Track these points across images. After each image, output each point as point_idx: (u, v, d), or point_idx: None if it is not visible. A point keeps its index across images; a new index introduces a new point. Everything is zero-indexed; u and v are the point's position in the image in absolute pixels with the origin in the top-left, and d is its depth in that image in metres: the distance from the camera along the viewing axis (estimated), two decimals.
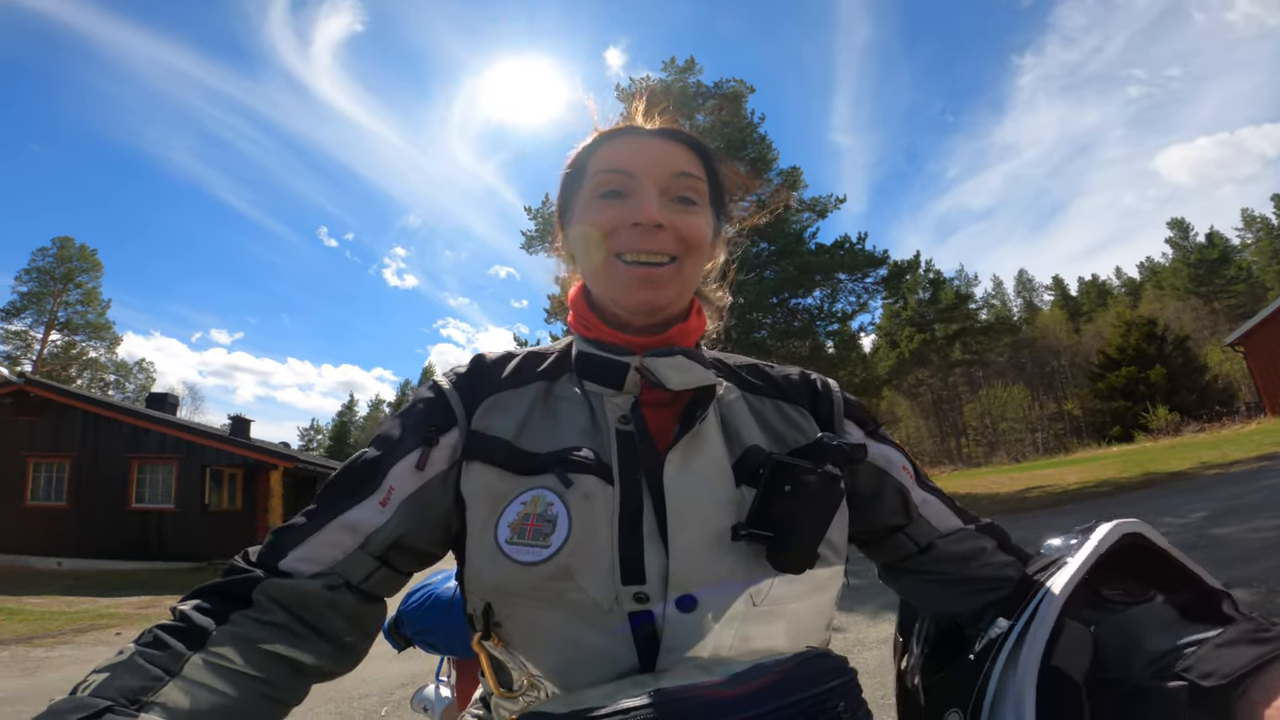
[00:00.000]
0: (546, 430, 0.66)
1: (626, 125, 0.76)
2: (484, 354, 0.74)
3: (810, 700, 0.48)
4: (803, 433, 0.71)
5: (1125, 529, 0.61)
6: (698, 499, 0.62)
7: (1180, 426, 23.27)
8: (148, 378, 46.27)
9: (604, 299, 0.71)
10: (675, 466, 0.63)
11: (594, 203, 0.70)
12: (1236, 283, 50.60)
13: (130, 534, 14.89)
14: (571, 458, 0.62)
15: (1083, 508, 9.56)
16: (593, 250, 0.69)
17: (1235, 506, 7.04)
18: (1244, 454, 12.46)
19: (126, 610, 9.17)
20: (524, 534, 0.59)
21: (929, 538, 0.72)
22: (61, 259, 41.14)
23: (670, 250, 0.68)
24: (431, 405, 0.69)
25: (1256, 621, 0.53)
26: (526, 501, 0.60)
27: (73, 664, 6.04)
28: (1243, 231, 55.73)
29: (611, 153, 0.71)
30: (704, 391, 0.68)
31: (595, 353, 0.70)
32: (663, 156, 0.70)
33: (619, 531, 0.59)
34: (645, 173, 0.69)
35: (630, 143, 0.72)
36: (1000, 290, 65.19)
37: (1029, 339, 45.83)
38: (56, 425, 15.44)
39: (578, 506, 0.60)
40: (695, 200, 0.71)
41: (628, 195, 0.69)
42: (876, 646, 4.24)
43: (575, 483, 0.61)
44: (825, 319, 16.95)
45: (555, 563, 0.58)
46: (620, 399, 0.68)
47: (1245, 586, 4.04)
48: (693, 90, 17.55)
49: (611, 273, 0.68)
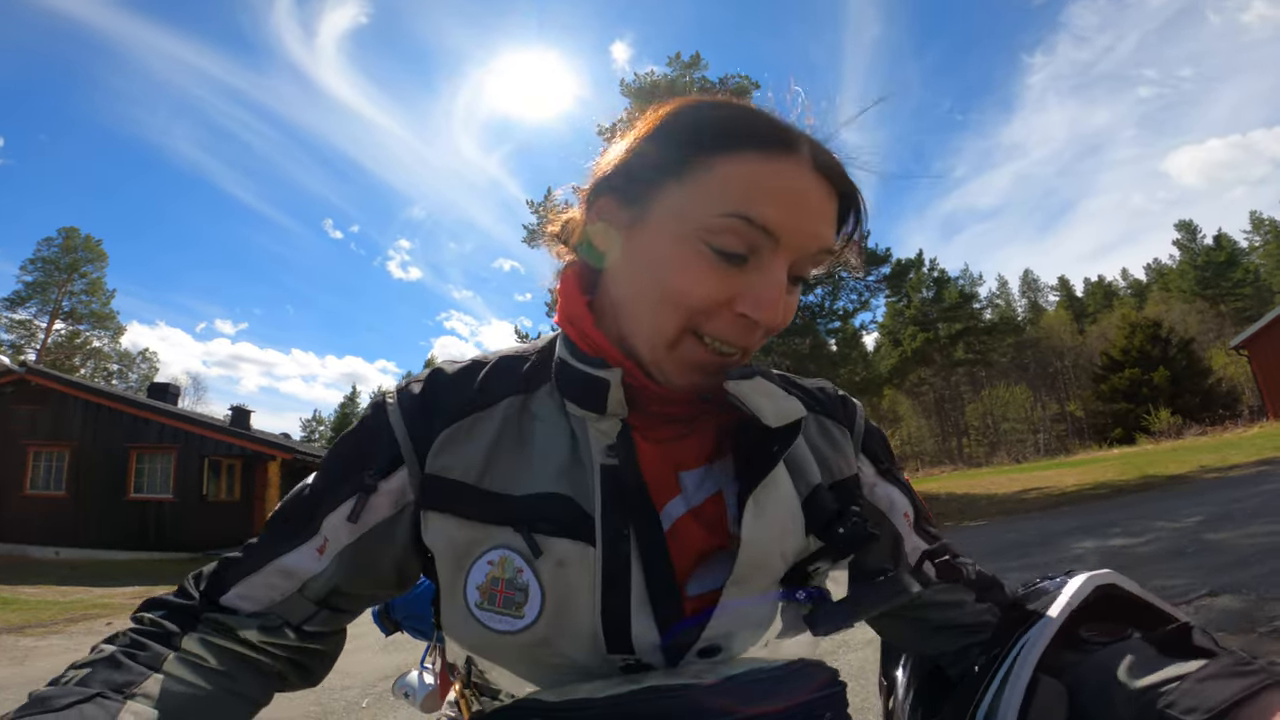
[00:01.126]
0: (518, 463, 0.56)
1: (787, 128, 0.54)
2: (443, 368, 0.62)
3: (800, 708, 0.49)
4: (845, 458, 0.64)
5: (1099, 581, 0.60)
6: (772, 552, 0.55)
7: (1182, 429, 23.19)
8: (151, 368, 46.53)
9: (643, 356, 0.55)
10: (752, 514, 0.54)
11: (704, 255, 0.51)
12: (1243, 286, 50.34)
13: (128, 524, 15.00)
14: (541, 513, 0.53)
15: (1079, 510, 9.52)
16: (667, 312, 0.52)
17: (1231, 511, 6.99)
18: (1244, 458, 12.39)
19: (120, 600, 9.21)
20: (494, 600, 0.53)
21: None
22: (67, 249, 41.35)
23: (750, 346, 0.55)
24: (373, 440, 0.59)
25: (1236, 655, 0.50)
26: (494, 562, 0.53)
27: (62, 653, 6.06)
28: (1251, 234, 55.48)
29: (760, 184, 0.50)
30: (793, 426, 0.56)
31: (571, 363, 0.57)
32: (820, 225, 0.53)
33: (601, 600, 0.52)
34: (793, 242, 0.52)
35: (791, 181, 0.51)
36: (1005, 290, 65.01)
37: (1033, 339, 45.70)
38: (57, 414, 15.54)
39: (550, 575, 0.52)
40: (809, 279, 0.59)
41: (750, 260, 0.51)
42: (861, 648, 4.21)
43: (545, 549, 0.52)
44: (826, 316, 16.92)
45: (532, 633, 0.53)
46: (605, 424, 0.55)
47: (1235, 593, 4.00)
48: (697, 86, 17.48)
49: (678, 347, 0.53)
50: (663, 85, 17.24)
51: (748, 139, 0.51)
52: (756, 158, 0.51)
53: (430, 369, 0.62)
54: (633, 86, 17.56)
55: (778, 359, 16.13)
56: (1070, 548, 6.61)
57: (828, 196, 0.53)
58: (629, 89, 17.64)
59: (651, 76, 17.65)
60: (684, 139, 0.54)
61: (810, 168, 0.52)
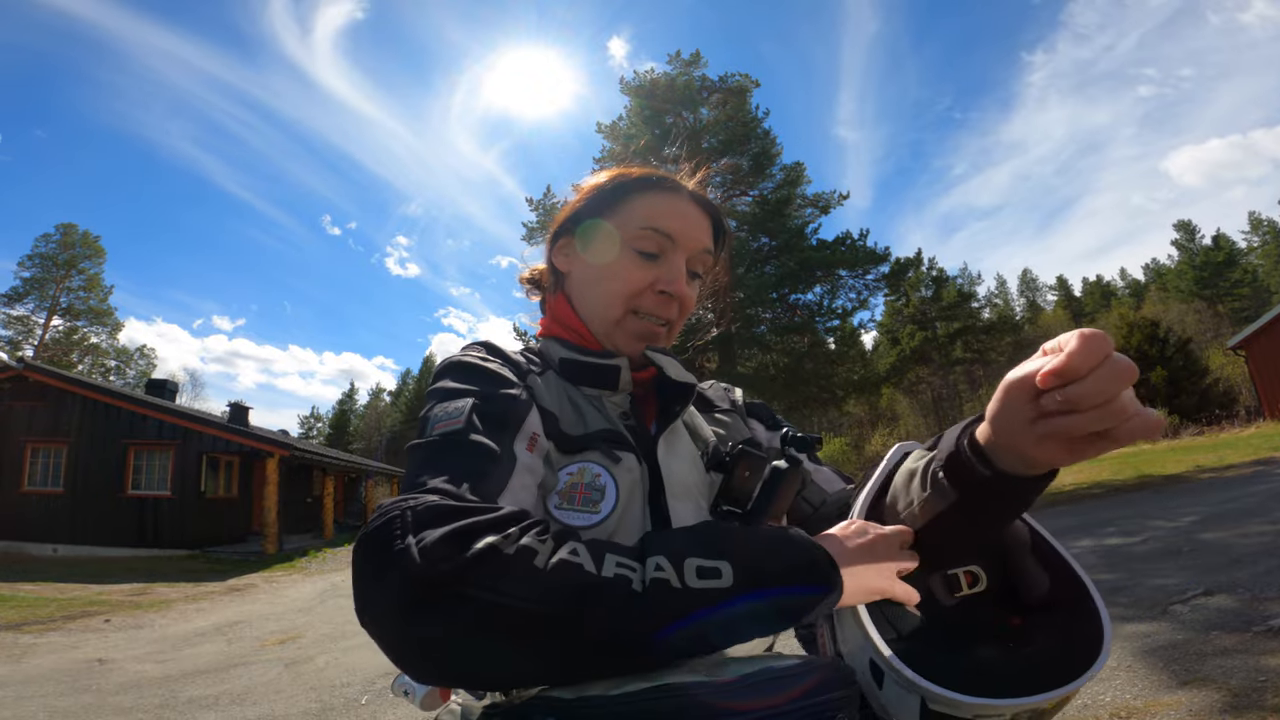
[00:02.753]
0: (575, 416, 0.74)
1: (670, 178, 0.85)
2: (496, 343, 0.80)
3: (812, 708, 0.50)
4: (738, 431, 0.88)
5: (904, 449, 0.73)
6: (687, 478, 0.74)
7: (1179, 429, 23.20)
8: (149, 364, 46.35)
9: (599, 331, 0.82)
10: (664, 449, 0.74)
11: (631, 257, 0.80)
12: (1241, 286, 50.39)
13: (126, 520, 14.95)
14: (611, 437, 0.72)
15: (1076, 509, 9.54)
16: (615, 301, 0.80)
17: (1227, 510, 7.01)
18: (1240, 458, 12.42)
19: (118, 597, 9.20)
20: (573, 500, 0.66)
21: (821, 498, 0.84)
22: (65, 245, 41.18)
23: (673, 317, 0.82)
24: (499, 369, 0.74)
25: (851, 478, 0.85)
26: (573, 472, 0.68)
27: (61, 650, 6.05)
28: (1249, 235, 55.47)
29: (661, 210, 0.81)
30: (686, 390, 0.81)
31: (582, 359, 0.80)
32: (698, 230, 0.82)
33: (649, 504, 0.70)
34: (684, 243, 0.81)
35: (679, 205, 0.82)
36: (1004, 289, 65.05)
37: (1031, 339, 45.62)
38: (55, 411, 15.47)
39: (623, 479, 0.69)
40: (701, 275, 0.86)
41: (662, 258, 0.80)
42: None
43: (621, 459, 0.70)
44: (825, 315, 16.88)
45: (604, 527, 0.65)
46: (619, 397, 0.79)
47: (1230, 592, 4.02)
48: (697, 84, 17.44)
49: (624, 323, 0.80)
50: (662, 83, 17.19)
51: (652, 185, 0.82)
52: (657, 194, 0.82)
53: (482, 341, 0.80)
54: (633, 85, 17.51)
55: (777, 357, 16.13)
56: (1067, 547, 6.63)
57: (703, 217, 0.84)
58: (629, 87, 17.58)
59: (651, 74, 17.59)
60: (613, 190, 0.83)
61: (688, 200, 0.83)
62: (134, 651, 5.96)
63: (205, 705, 4.18)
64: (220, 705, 4.16)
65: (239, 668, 5.18)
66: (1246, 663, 2.86)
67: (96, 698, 4.46)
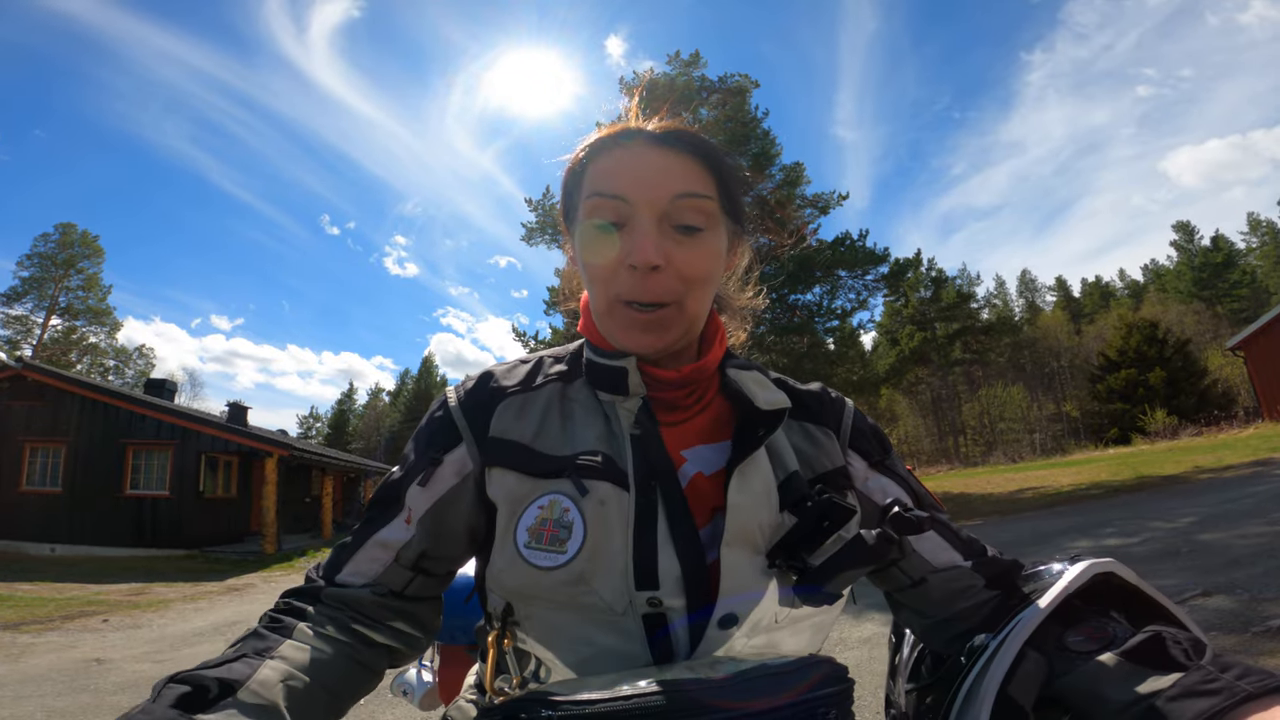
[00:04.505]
0: (563, 433, 0.68)
1: (621, 129, 0.69)
2: (493, 370, 0.76)
3: (804, 705, 0.50)
4: (828, 456, 0.72)
5: (1099, 568, 0.64)
6: (753, 519, 0.63)
7: (1178, 430, 23.24)
8: (147, 363, 46.32)
9: (605, 334, 0.71)
10: (736, 485, 0.63)
11: (591, 234, 0.66)
12: (1240, 287, 50.49)
13: (124, 520, 14.93)
14: (585, 463, 0.64)
15: (1075, 510, 9.55)
16: (595, 290, 0.68)
17: (1226, 511, 7.02)
18: (1239, 459, 12.44)
19: (116, 597, 9.19)
20: (541, 539, 0.62)
21: (921, 573, 0.71)
22: (64, 245, 41.17)
23: (669, 295, 0.65)
24: (437, 426, 0.72)
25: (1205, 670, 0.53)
26: (544, 506, 0.63)
27: (59, 650, 6.04)
28: (1248, 236, 55.54)
29: (606, 169, 0.66)
30: (776, 417, 0.68)
31: (594, 359, 0.72)
32: (661, 176, 0.65)
33: (634, 537, 0.61)
34: (642, 198, 0.64)
35: (628, 156, 0.66)
36: (1002, 290, 65.09)
37: (1030, 339, 45.74)
38: (54, 410, 15.45)
39: (592, 513, 0.61)
40: (701, 225, 0.66)
41: (624, 225, 0.65)
42: (858, 646, 4.23)
43: (590, 489, 0.62)
44: (824, 315, 16.90)
45: (570, 569, 0.60)
46: (630, 403, 0.69)
47: (1229, 593, 4.02)
48: (697, 84, 17.45)
49: (613, 315, 0.67)
50: (662, 83, 17.19)
51: (593, 151, 0.69)
52: (599, 158, 0.68)
53: (482, 371, 0.76)
54: (632, 85, 17.51)
55: (775, 357, 16.13)
56: (1065, 548, 6.63)
57: (669, 156, 0.66)
58: (629, 87, 17.59)
59: (651, 74, 17.60)
60: (571, 171, 0.73)
61: (643, 145, 0.67)
62: (132, 651, 5.95)
63: None
64: None
65: None
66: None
67: (94, 698, 4.46)
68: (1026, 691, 0.58)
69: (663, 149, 0.66)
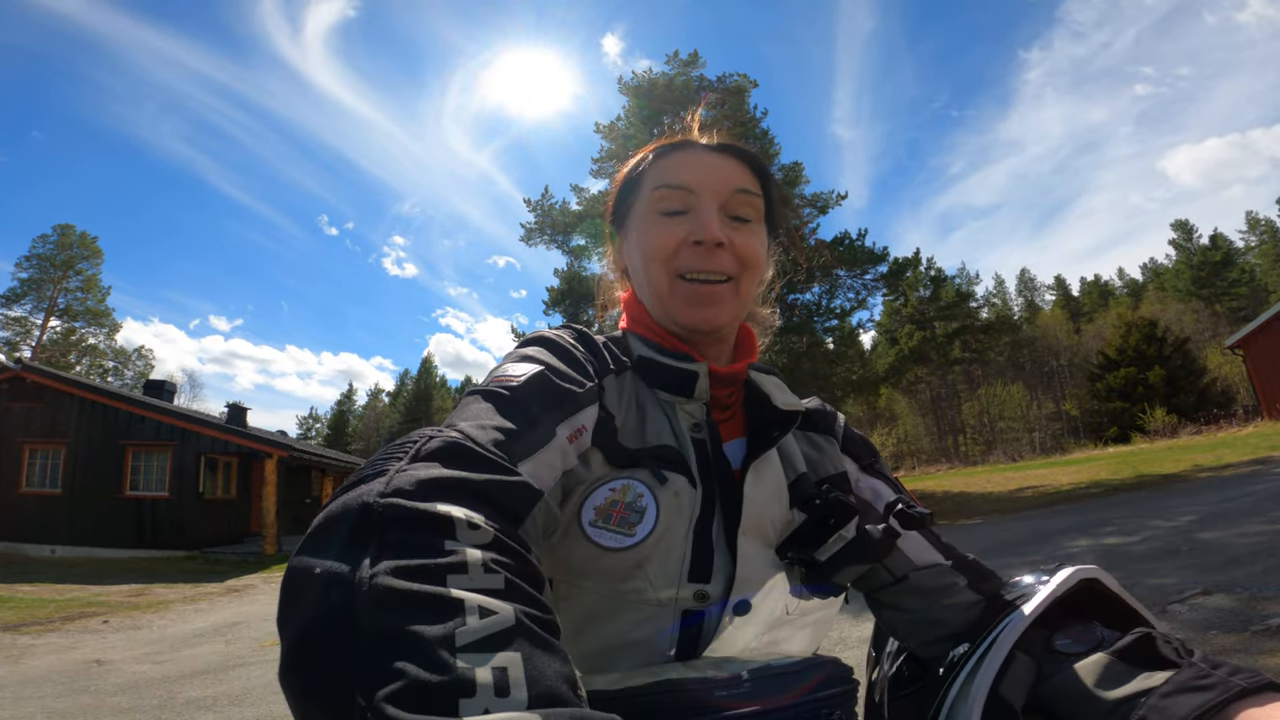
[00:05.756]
0: (638, 425, 0.68)
1: (684, 139, 0.77)
2: (585, 330, 0.74)
3: (810, 704, 0.51)
4: (831, 461, 0.78)
5: (1084, 574, 0.65)
6: (765, 513, 0.67)
7: (1177, 428, 23.26)
8: (146, 364, 46.29)
9: (660, 314, 0.74)
10: (752, 479, 0.67)
11: (655, 219, 0.72)
12: (1239, 285, 50.54)
13: (124, 521, 14.93)
14: (666, 455, 0.65)
15: (1075, 509, 9.55)
16: (655, 269, 0.72)
17: (1225, 510, 7.02)
18: (1238, 457, 12.45)
19: (116, 598, 9.19)
20: (609, 519, 0.61)
21: (904, 570, 0.73)
22: (62, 246, 41.16)
23: (729, 270, 0.71)
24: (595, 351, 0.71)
25: (1197, 667, 0.54)
26: (616, 489, 0.62)
27: (59, 651, 6.04)
28: (1247, 234, 55.59)
29: (672, 166, 0.74)
30: (789, 418, 0.72)
31: (660, 359, 0.72)
32: (724, 173, 0.73)
33: (694, 531, 0.63)
34: (706, 189, 0.72)
35: (691, 157, 0.74)
36: (1001, 289, 65.14)
37: (1029, 338, 45.76)
38: (53, 412, 15.46)
39: (667, 503, 0.62)
40: (752, 219, 0.74)
41: (689, 212, 0.71)
42: (859, 646, 4.23)
43: (669, 480, 0.63)
44: (824, 315, 16.91)
45: (636, 552, 0.60)
46: (692, 406, 0.71)
47: (1229, 591, 4.03)
48: (696, 84, 17.44)
49: (674, 292, 0.71)
50: (660, 83, 17.20)
51: (657, 155, 0.77)
52: (667, 156, 0.76)
53: (570, 325, 0.74)
54: (631, 85, 17.51)
55: (775, 356, 16.12)
56: (1065, 546, 6.64)
57: (726, 160, 0.75)
58: (628, 87, 17.59)
59: (650, 75, 17.60)
60: (631, 174, 0.79)
61: (703, 150, 0.76)
62: (132, 652, 5.95)
63: (203, 706, 4.17)
64: (219, 706, 4.15)
65: (237, 669, 5.17)
66: (1245, 662, 2.86)
67: (95, 699, 4.46)
68: (1017, 692, 0.58)
69: (722, 155, 0.75)
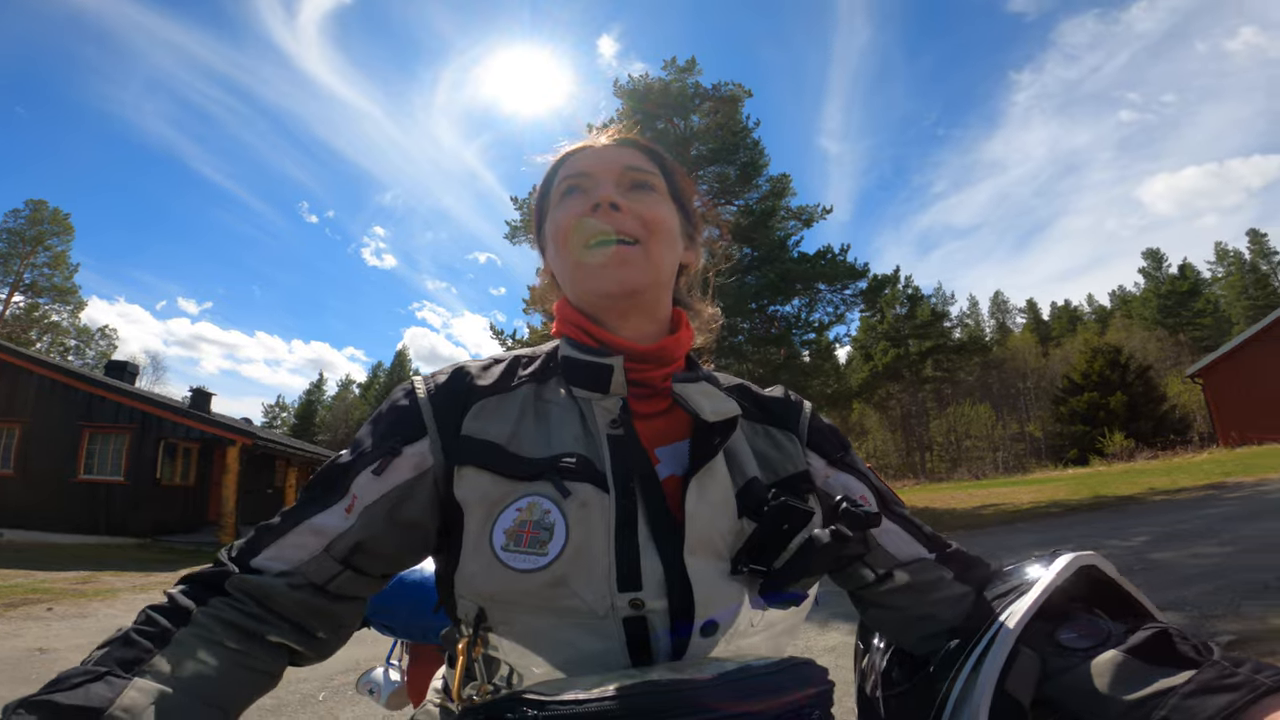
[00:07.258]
0: (539, 435, 0.67)
1: (583, 144, 0.81)
2: (466, 365, 0.75)
3: (789, 705, 0.51)
4: (791, 459, 0.74)
5: (1083, 561, 0.64)
6: (712, 527, 0.63)
7: (1135, 453, 23.92)
8: (110, 345, 44.93)
9: (578, 296, 0.74)
10: (694, 495, 0.64)
11: (560, 203, 0.76)
12: (1204, 315, 52.24)
13: (76, 506, 14.40)
14: (566, 464, 0.63)
15: (1034, 526, 9.77)
16: (564, 249, 0.74)
17: (1178, 532, 7.24)
18: (1192, 481, 12.85)
19: (62, 585, 8.86)
20: (520, 541, 0.60)
21: (887, 566, 0.72)
22: (33, 221, 39.91)
23: (633, 231, 0.72)
24: (401, 415, 0.69)
25: (1220, 666, 0.52)
26: (522, 508, 0.61)
27: (0, 639, 5.81)
28: (1214, 265, 57.43)
29: (572, 164, 0.78)
30: (728, 426, 0.69)
31: (577, 356, 0.71)
32: (614, 156, 0.77)
33: (615, 538, 0.60)
34: (600, 170, 0.76)
35: (588, 152, 0.79)
36: (975, 310, 66.57)
37: (999, 360, 46.74)
38: (9, 389, 14.89)
39: (575, 515, 0.60)
40: (652, 187, 0.77)
41: (587, 190, 0.74)
42: (823, 655, 4.26)
43: (572, 491, 0.61)
44: (802, 328, 17.08)
45: (551, 571, 0.58)
46: (608, 402, 0.69)
47: (1178, 610, 4.14)
48: (691, 91, 17.52)
49: (583, 263, 0.71)
50: (656, 88, 17.25)
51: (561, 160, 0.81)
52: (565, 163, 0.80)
53: (454, 365, 0.74)
54: (626, 88, 17.54)
55: (752, 367, 16.23)
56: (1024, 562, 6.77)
57: (621, 149, 0.79)
58: (623, 90, 17.61)
59: (646, 79, 17.64)
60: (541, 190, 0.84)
61: (603, 144, 0.80)
62: (77, 641, 5.75)
63: None
64: None
65: None
66: None
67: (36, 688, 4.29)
68: (1024, 688, 0.57)
69: (616, 146, 0.80)
